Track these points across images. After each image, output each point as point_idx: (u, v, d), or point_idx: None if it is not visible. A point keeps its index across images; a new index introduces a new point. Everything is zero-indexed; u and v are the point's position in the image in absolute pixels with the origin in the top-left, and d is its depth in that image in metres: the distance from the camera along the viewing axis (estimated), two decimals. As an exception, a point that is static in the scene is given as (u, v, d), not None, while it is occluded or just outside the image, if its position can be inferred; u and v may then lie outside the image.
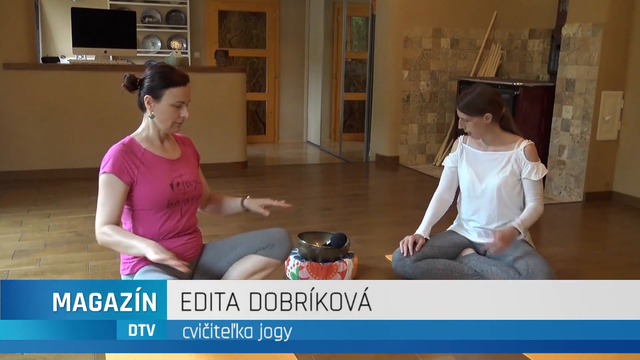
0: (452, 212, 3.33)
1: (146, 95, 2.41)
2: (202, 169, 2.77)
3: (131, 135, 2.50)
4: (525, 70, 6.34)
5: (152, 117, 2.44)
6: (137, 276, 2.44)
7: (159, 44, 8.02)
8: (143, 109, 2.46)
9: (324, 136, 8.45)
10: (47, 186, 5.26)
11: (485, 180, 3.13)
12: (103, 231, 2.37)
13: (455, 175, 3.26)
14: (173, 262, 2.20)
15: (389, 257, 3.55)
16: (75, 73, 5.67)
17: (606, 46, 4.91)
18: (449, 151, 3.39)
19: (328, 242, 3.19)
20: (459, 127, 3.14)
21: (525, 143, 3.09)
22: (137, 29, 7.67)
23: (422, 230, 3.21)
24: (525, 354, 2.44)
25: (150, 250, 2.22)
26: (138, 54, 7.71)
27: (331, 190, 5.56)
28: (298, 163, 7.07)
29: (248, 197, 2.69)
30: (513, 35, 6.50)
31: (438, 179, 2.87)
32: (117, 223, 2.39)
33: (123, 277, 2.55)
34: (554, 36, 5.71)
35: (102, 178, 2.38)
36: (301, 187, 5.82)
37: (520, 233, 2.97)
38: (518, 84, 5.52)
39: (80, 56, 6.59)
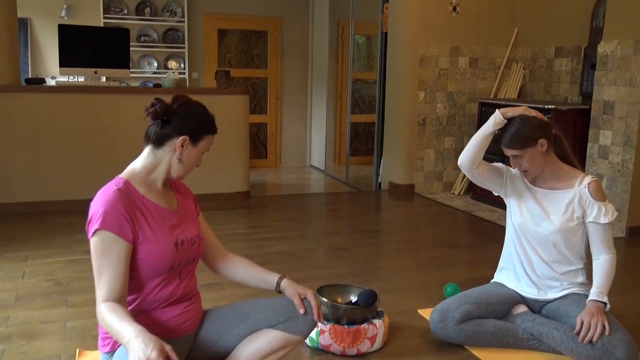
0: (495, 252, 2.79)
1: (184, 136, 1.94)
2: (200, 200, 2.24)
3: (125, 177, 1.95)
4: (551, 92, 5.86)
5: (179, 160, 1.97)
6: (117, 355, 1.89)
7: (155, 64, 7.57)
8: (160, 145, 1.95)
9: (328, 160, 7.97)
10: (28, 221, 4.73)
11: (541, 224, 2.62)
12: (99, 311, 1.79)
13: (497, 172, 2.73)
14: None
15: (423, 313, 3.03)
16: (61, 96, 5.14)
17: (651, 65, 4.44)
18: (468, 179, 2.85)
19: (354, 300, 2.66)
20: (512, 167, 2.64)
21: (588, 179, 2.59)
22: (133, 49, 7.26)
23: None
24: None
25: (132, 350, 1.64)
26: (133, 75, 7.28)
27: (344, 225, 5.02)
28: (303, 192, 6.53)
29: (286, 277, 2.11)
30: (537, 54, 6.03)
31: (458, 210, 2.41)
32: (122, 297, 1.82)
33: (102, 356, 2.00)
34: (588, 54, 5.23)
35: (95, 240, 1.82)
36: (310, 220, 5.28)
37: (606, 305, 2.45)
38: (550, 106, 5.03)
39: (72, 77, 6.10)
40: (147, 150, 1.99)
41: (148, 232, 1.90)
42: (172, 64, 7.67)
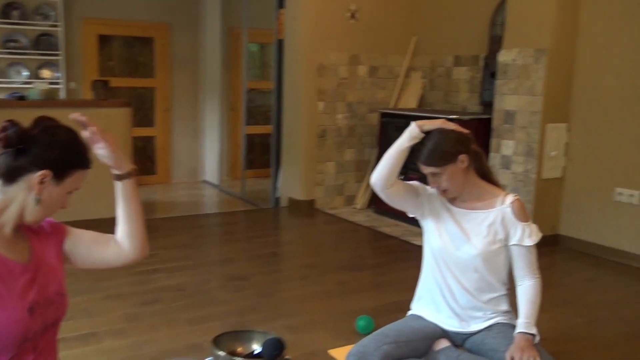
0: (402, 273, 2.50)
1: (45, 170, 1.48)
2: (77, 226, 1.75)
3: None
4: (450, 101, 5.76)
5: (37, 201, 1.50)
6: None
7: (26, 73, 6.79)
8: (12, 180, 1.49)
9: (222, 174, 7.51)
10: None
11: (462, 247, 2.36)
12: None
13: (413, 191, 2.43)
14: None
15: (334, 354, 2.67)
16: None
17: (551, 74, 4.37)
18: (370, 192, 2.56)
19: (257, 351, 2.25)
20: (431, 187, 2.36)
21: (511, 198, 2.36)
22: (-4, 55, 6.47)
23: None
24: None
25: None
26: (-4, 85, 6.47)
27: (241, 249, 4.57)
28: (196, 212, 6.02)
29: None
30: (435, 63, 5.91)
31: (360, 225, 2.14)
32: None
33: None
34: (488, 63, 5.14)
35: None
36: (204, 246, 4.78)
37: (535, 336, 2.22)
38: (452, 116, 4.87)
39: None
40: None
41: None
42: (46, 73, 6.91)
